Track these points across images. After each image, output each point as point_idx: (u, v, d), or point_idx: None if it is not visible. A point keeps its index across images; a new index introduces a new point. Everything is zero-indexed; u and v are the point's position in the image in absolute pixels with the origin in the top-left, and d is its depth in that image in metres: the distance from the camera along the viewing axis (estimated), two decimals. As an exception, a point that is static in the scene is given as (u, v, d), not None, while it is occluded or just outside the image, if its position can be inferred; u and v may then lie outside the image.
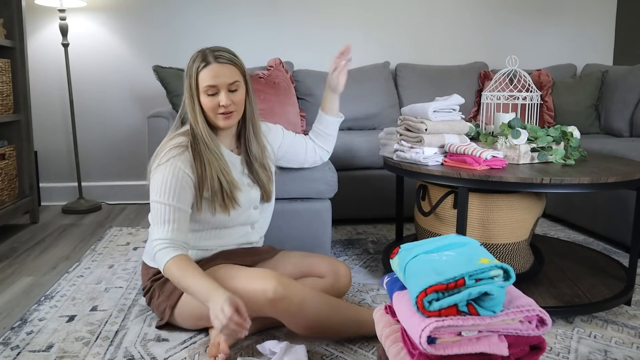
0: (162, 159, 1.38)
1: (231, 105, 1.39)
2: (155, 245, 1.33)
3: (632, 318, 1.59)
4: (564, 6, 3.56)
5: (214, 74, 1.36)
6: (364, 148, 2.59)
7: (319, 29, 3.35)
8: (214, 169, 1.40)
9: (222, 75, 1.37)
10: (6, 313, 1.65)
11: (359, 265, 2.08)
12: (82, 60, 3.18)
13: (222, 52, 1.39)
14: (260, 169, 1.52)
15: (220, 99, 1.37)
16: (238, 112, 1.43)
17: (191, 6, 3.21)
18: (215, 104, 1.38)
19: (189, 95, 1.40)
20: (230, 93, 1.39)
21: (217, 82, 1.36)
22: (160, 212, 1.35)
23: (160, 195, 1.35)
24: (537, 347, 0.95)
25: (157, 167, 1.38)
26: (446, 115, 1.68)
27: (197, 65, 1.37)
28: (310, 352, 1.37)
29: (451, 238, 1.06)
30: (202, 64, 1.37)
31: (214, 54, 1.38)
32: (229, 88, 1.38)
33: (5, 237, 2.52)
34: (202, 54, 1.39)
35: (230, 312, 1.17)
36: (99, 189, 3.29)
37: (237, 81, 1.40)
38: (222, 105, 1.37)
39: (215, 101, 1.38)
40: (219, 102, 1.37)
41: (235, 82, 1.39)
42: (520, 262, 1.74)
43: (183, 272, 1.28)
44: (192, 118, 1.41)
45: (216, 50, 1.39)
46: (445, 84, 3.21)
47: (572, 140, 1.71)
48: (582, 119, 2.99)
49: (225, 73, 1.37)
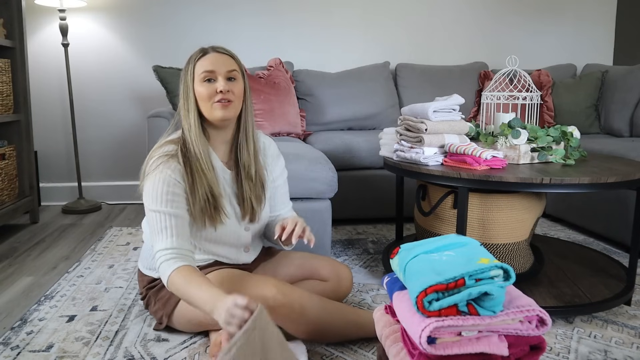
0: (151, 167, 1.32)
1: (229, 92, 1.31)
2: (158, 257, 1.25)
3: (632, 318, 1.59)
4: (564, 6, 3.56)
5: (212, 60, 1.32)
6: (364, 148, 2.59)
7: (319, 29, 3.35)
8: (204, 180, 1.32)
9: (220, 62, 1.32)
10: (6, 313, 1.65)
11: (359, 265, 2.08)
12: (82, 60, 3.18)
13: (221, 47, 1.38)
14: (248, 183, 1.41)
15: (218, 85, 1.30)
16: (236, 103, 1.34)
17: (191, 6, 3.21)
18: (212, 90, 1.30)
19: (184, 90, 1.35)
20: (229, 81, 1.33)
21: (215, 68, 1.31)
22: (156, 221, 1.27)
23: (154, 203, 1.28)
24: (537, 347, 0.95)
25: (146, 176, 1.32)
26: (446, 115, 1.68)
27: (195, 57, 1.34)
28: (310, 352, 1.37)
29: (451, 238, 1.06)
30: (200, 54, 1.34)
31: (212, 47, 1.36)
32: (227, 76, 1.32)
33: (5, 237, 2.52)
34: (200, 48, 1.37)
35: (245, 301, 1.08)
36: (99, 189, 3.29)
37: (236, 70, 1.35)
38: (219, 92, 1.30)
39: (212, 88, 1.31)
40: (217, 88, 1.30)
41: (234, 71, 1.34)
42: (520, 262, 1.74)
43: (187, 284, 1.19)
44: (185, 121, 1.34)
45: (215, 46, 1.38)
46: (445, 84, 3.21)
47: (572, 140, 1.71)
48: (582, 119, 2.99)
49: (224, 61, 1.33)
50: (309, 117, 3.03)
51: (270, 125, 2.72)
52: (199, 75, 1.32)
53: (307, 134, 2.94)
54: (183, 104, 1.36)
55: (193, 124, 1.33)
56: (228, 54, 1.36)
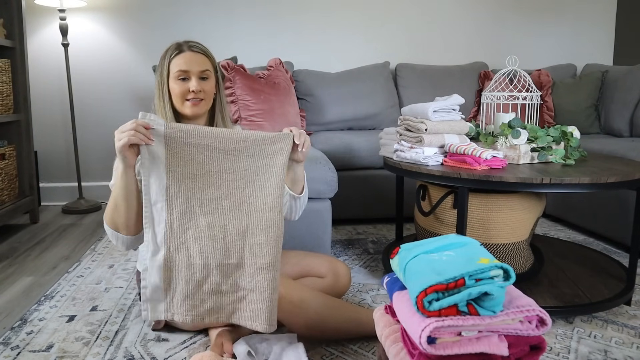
0: None
1: (201, 92, 1.39)
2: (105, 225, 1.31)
3: (632, 318, 1.59)
4: (564, 6, 3.56)
5: (186, 60, 1.38)
6: (364, 148, 2.59)
7: (319, 29, 3.35)
8: None
9: (194, 62, 1.39)
10: (6, 313, 1.65)
11: (359, 265, 2.08)
12: (82, 60, 3.18)
13: (195, 43, 1.43)
14: None
15: (191, 85, 1.38)
16: (207, 101, 1.43)
17: (191, 6, 3.21)
18: (185, 89, 1.38)
19: (159, 84, 1.41)
20: (201, 81, 1.40)
21: (189, 68, 1.38)
22: None
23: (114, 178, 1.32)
24: (537, 347, 0.95)
25: None
26: (446, 115, 1.68)
27: (171, 53, 1.40)
28: (310, 352, 1.37)
29: (451, 238, 1.06)
30: (176, 52, 1.40)
31: (187, 44, 1.41)
32: (199, 75, 1.40)
33: (5, 237, 2.52)
34: (177, 44, 1.41)
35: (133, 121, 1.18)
36: (99, 189, 3.29)
37: (208, 70, 1.42)
38: (192, 91, 1.37)
39: (185, 87, 1.38)
40: (189, 88, 1.38)
41: (206, 71, 1.41)
42: (520, 262, 1.74)
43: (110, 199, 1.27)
44: (161, 112, 1.40)
45: (190, 41, 1.43)
46: (445, 84, 3.21)
47: (572, 140, 1.71)
48: (582, 119, 2.99)
49: (198, 61, 1.40)
50: (309, 117, 3.03)
51: (270, 125, 2.71)
52: (173, 73, 1.39)
53: (307, 134, 2.93)
54: (158, 96, 1.42)
55: (167, 116, 1.40)
56: (202, 53, 1.42)
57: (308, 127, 3.04)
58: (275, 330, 1.48)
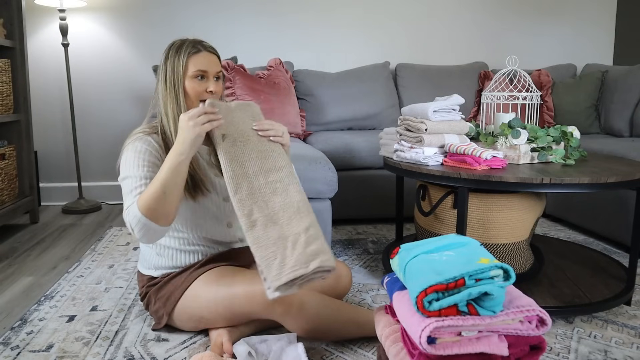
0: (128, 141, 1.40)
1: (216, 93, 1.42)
2: (125, 215, 1.29)
3: (632, 318, 1.59)
4: (564, 6, 3.56)
5: (206, 60, 1.40)
6: (364, 148, 2.59)
7: (319, 29, 3.35)
8: None
9: (213, 63, 1.41)
10: (6, 313, 1.65)
11: (359, 265, 2.08)
12: (82, 60, 3.18)
13: (208, 43, 1.44)
14: None
15: (209, 85, 1.40)
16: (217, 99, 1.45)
17: (191, 6, 3.21)
18: (202, 89, 1.40)
19: (170, 81, 1.39)
20: (216, 81, 1.43)
21: (208, 68, 1.40)
22: (128, 185, 1.33)
23: (126, 171, 1.34)
24: (537, 347, 0.95)
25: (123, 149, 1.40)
26: (446, 115, 1.68)
27: (189, 50, 1.39)
28: (310, 352, 1.37)
29: (451, 238, 1.06)
30: (194, 50, 1.39)
31: (202, 44, 1.42)
32: (216, 75, 1.42)
33: (5, 237, 2.52)
34: (191, 41, 1.41)
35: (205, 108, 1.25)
36: (99, 189, 3.29)
37: (221, 71, 1.45)
38: (209, 91, 1.40)
39: (203, 86, 1.40)
40: (207, 88, 1.40)
41: (220, 72, 1.44)
42: (520, 262, 1.74)
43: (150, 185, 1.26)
44: (164, 107, 1.40)
45: (202, 40, 1.43)
46: (445, 84, 3.21)
47: (572, 140, 1.71)
48: (582, 119, 2.99)
49: (215, 62, 1.43)
50: (309, 117, 3.04)
51: (270, 125, 2.71)
52: (191, 72, 1.38)
53: (307, 134, 2.94)
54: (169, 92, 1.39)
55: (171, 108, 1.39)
56: (216, 54, 1.45)
57: (308, 127, 3.04)
58: (275, 331, 1.49)
